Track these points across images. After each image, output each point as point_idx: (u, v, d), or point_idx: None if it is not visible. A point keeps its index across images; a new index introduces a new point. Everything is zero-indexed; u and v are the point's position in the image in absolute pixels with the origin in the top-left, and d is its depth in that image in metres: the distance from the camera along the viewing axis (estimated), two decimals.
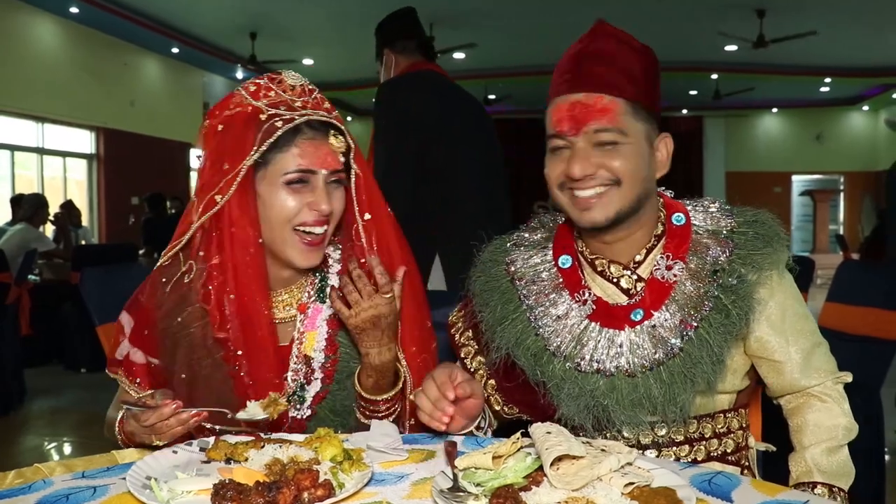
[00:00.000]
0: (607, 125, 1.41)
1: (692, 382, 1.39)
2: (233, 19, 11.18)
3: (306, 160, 1.48)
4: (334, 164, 1.51)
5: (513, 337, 1.51)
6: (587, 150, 1.42)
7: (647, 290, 1.46)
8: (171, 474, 1.23)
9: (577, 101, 1.42)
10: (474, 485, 1.15)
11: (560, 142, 1.45)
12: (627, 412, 1.41)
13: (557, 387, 1.44)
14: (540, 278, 1.55)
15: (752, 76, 14.68)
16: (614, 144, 1.41)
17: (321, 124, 1.50)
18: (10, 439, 4.87)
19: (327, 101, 1.56)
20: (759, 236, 1.46)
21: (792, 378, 1.48)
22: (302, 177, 1.48)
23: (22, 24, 9.84)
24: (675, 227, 1.51)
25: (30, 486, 1.19)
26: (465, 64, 13.68)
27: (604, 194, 1.42)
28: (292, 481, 1.12)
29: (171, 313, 1.55)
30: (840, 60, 13.73)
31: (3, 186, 9.71)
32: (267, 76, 1.53)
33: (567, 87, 1.44)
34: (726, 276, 1.42)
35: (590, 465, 1.13)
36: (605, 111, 1.40)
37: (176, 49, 12.48)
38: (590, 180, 1.42)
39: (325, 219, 1.51)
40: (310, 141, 1.48)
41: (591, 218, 1.43)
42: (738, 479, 1.21)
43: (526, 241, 1.63)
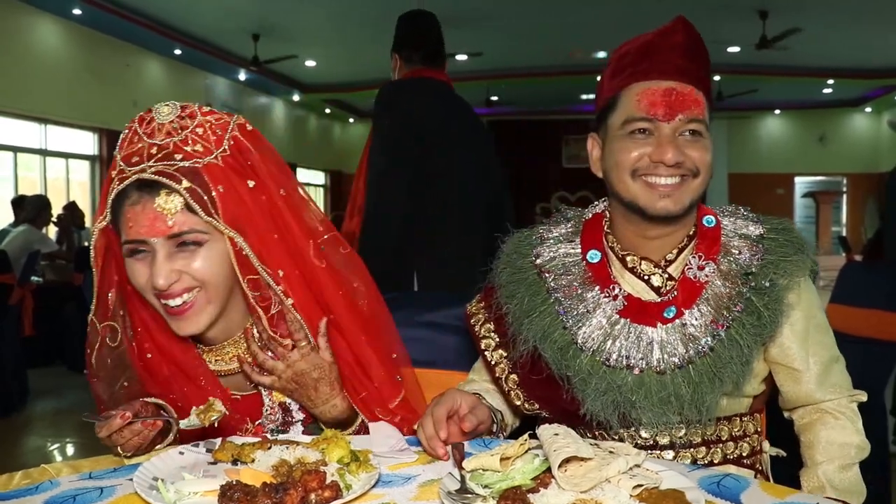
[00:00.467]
0: (699, 116, 1.44)
1: (720, 382, 1.39)
2: (235, 21, 11.17)
3: (132, 230, 1.33)
4: (165, 229, 1.32)
5: (539, 330, 1.50)
6: (673, 138, 1.44)
7: (680, 288, 1.46)
8: (178, 475, 1.22)
9: (672, 88, 1.44)
10: (482, 486, 1.15)
11: (645, 125, 1.45)
12: (655, 409, 1.40)
13: (584, 381, 1.43)
14: (568, 272, 1.54)
15: (754, 78, 14.66)
16: (699, 136, 1.44)
17: (149, 184, 1.32)
18: (12, 440, 4.87)
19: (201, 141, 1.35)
20: (788, 243, 1.48)
21: (808, 389, 1.49)
22: (136, 247, 1.35)
23: (24, 26, 9.84)
24: (706, 228, 1.52)
25: (37, 487, 1.19)
26: (467, 65, 13.67)
27: (681, 184, 1.44)
28: (299, 483, 1.12)
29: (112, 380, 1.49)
30: (843, 62, 13.72)
31: (6, 188, 9.71)
32: (139, 117, 1.38)
33: (657, 74, 1.46)
34: (759, 278, 1.43)
35: (598, 466, 1.13)
36: (697, 103, 1.44)
37: (178, 50, 12.48)
38: (675, 168, 1.43)
39: (171, 293, 1.35)
40: (133, 206, 1.33)
41: (665, 207, 1.44)
42: (746, 482, 1.21)
43: (552, 236, 1.63)
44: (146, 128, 1.35)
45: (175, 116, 1.36)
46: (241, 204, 1.35)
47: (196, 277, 1.36)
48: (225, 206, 1.33)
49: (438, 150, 3.08)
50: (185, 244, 1.34)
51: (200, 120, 1.37)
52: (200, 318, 1.38)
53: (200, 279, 1.36)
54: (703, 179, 1.46)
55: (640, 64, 1.47)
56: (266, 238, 1.38)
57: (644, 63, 1.47)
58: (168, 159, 1.31)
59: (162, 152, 1.32)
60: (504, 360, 1.60)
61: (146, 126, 1.35)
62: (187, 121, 1.36)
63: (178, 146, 1.33)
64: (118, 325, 1.46)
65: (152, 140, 1.33)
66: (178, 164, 1.31)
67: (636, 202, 1.46)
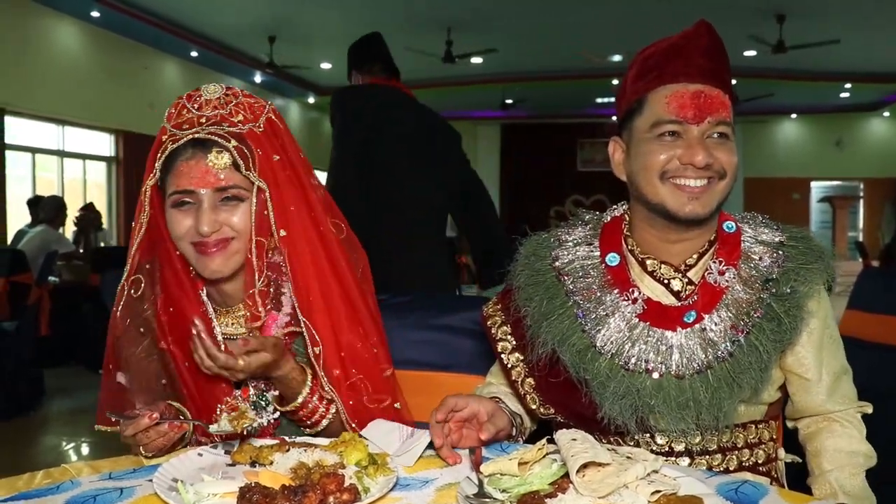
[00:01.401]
0: (726, 118, 1.45)
1: (739, 388, 1.39)
2: (251, 23, 11.22)
3: (183, 180, 1.48)
4: (214, 182, 1.47)
5: (558, 333, 1.49)
6: (701, 140, 1.44)
7: (700, 293, 1.46)
8: (197, 477, 1.23)
9: (700, 91, 1.44)
10: (500, 491, 1.15)
11: (675, 128, 1.45)
12: (673, 414, 1.40)
13: (602, 385, 1.43)
14: (587, 275, 1.54)
15: (771, 81, 14.59)
16: (725, 137, 1.45)
17: (202, 142, 1.48)
18: (28, 439, 4.91)
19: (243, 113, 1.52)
20: (809, 251, 1.48)
21: (818, 400, 1.49)
22: (183, 198, 1.49)
23: (43, 28, 9.92)
24: (727, 234, 1.52)
25: (58, 487, 1.20)
26: (482, 68, 13.67)
27: (709, 186, 1.44)
28: (318, 485, 1.13)
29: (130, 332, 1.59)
30: (861, 66, 13.63)
31: (24, 188, 9.79)
32: (187, 95, 1.54)
33: (685, 76, 1.46)
34: (780, 285, 1.43)
35: (616, 472, 1.13)
36: (724, 105, 1.45)
37: (195, 53, 12.54)
38: (704, 171, 1.43)
39: (215, 238, 1.49)
40: (186, 161, 1.48)
41: (693, 210, 1.44)
42: (765, 489, 1.20)
43: (570, 239, 1.62)
44: (194, 103, 1.51)
45: (221, 94, 1.53)
46: (272, 169, 1.51)
47: (234, 229, 1.50)
48: (262, 165, 1.49)
49: (379, 144, 3.33)
50: (228, 199, 1.49)
51: (242, 99, 1.54)
52: (229, 261, 1.51)
53: (237, 230, 1.50)
54: (730, 181, 1.46)
55: (666, 66, 1.47)
56: (287, 201, 1.52)
57: (671, 66, 1.47)
58: (217, 125, 1.49)
59: (211, 121, 1.49)
60: (521, 363, 1.59)
61: (194, 102, 1.51)
62: (231, 97, 1.53)
63: (224, 117, 1.50)
64: (143, 277, 1.57)
65: (201, 112, 1.50)
66: (226, 129, 1.49)
67: (664, 205, 1.46)
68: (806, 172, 18.52)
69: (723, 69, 1.48)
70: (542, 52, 12.58)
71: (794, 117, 18.79)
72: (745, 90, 15.22)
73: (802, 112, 18.34)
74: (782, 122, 18.89)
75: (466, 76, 14.30)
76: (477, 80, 14.82)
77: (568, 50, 12.33)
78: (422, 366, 1.97)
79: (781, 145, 18.93)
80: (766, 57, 11.95)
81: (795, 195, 18.31)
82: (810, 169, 18.51)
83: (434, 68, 12.80)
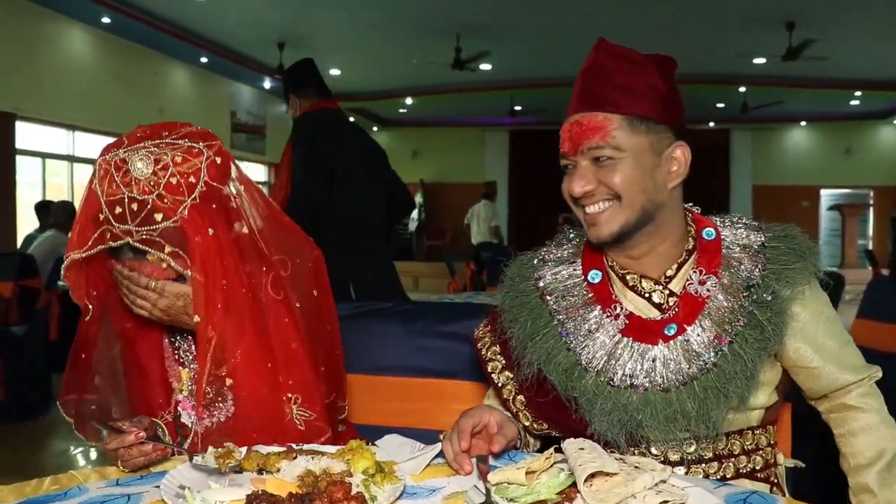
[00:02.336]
0: (599, 143, 1.42)
1: (725, 398, 1.38)
2: (261, 29, 11.27)
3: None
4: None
5: (544, 353, 1.50)
6: (587, 168, 1.45)
7: (681, 304, 1.45)
8: (204, 483, 1.23)
9: (576, 120, 1.45)
10: (507, 500, 1.15)
11: (565, 161, 1.49)
12: (662, 427, 1.40)
13: (590, 402, 1.43)
14: (570, 293, 1.54)
15: (780, 89, 14.57)
16: (611, 160, 1.43)
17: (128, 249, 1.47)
18: (36, 443, 4.92)
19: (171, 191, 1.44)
20: (790, 251, 1.46)
21: (828, 380, 1.48)
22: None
23: (54, 34, 9.98)
24: (706, 241, 1.51)
25: (66, 493, 1.21)
26: (490, 75, 13.70)
27: (606, 210, 1.44)
28: (325, 493, 1.13)
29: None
30: (871, 74, 13.59)
31: (35, 193, 9.83)
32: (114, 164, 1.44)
33: (572, 107, 1.48)
34: (761, 291, 1.42)
35: (623, 482, 1.13)
36: (597, 129, 1.42)
37: (204, 59, 12.59)
38: (591, 197, 1.45)
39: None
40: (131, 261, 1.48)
41: (597, 233, 1.46)
42: (772, 499, 1.20)
43: (553, 257, 1.63)
44: (123, 177, 1.42)
45: (150, 172, 1.43)
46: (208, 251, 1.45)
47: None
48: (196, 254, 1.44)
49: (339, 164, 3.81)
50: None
51: (173, 171, 1.44)
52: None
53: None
54: (631, 200, 1.43)
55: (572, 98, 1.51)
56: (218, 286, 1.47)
57: (572, 96, 1.50)
58: (149, 221, 1.42)
59: (143, 211, 1.42)
60: (511, 381, 1.60)
61: (123, 175, 1.42)
62: (160, 175, 1.43)
63: (155, 203, 1.42)
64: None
65: (131, 194, 1.42)
66: (160, 227, 1.42)
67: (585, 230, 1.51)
68: (815, 180, 18.45)
69: (608, 88, 1.44)
70: (551, 59, 12.59)
71: (803, 125, 18.74)
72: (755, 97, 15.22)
73: (812, 120, 18.29)
74: (792, 129, 18.84)
75: (475, 83, 14.32)
76: (485, 87, 14.84)
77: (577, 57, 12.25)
78: (426, 373, 1.98)
79: (791, 153, 18.87)
80: (776, 64, 11.93)
81: (805, 203, 18.24)
82: (820, 177, 18.44)
83: (443, 75, 12.84)
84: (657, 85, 1.46)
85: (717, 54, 12.28)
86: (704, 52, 11.92)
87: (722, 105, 16.68)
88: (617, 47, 1.48)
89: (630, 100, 1.43)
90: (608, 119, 1.42)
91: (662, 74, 1.48)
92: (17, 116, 9.18)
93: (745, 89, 14.96)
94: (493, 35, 11.45)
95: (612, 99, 1.43)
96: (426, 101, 16.46)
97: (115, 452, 1.37)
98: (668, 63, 1.51)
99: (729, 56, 12.42)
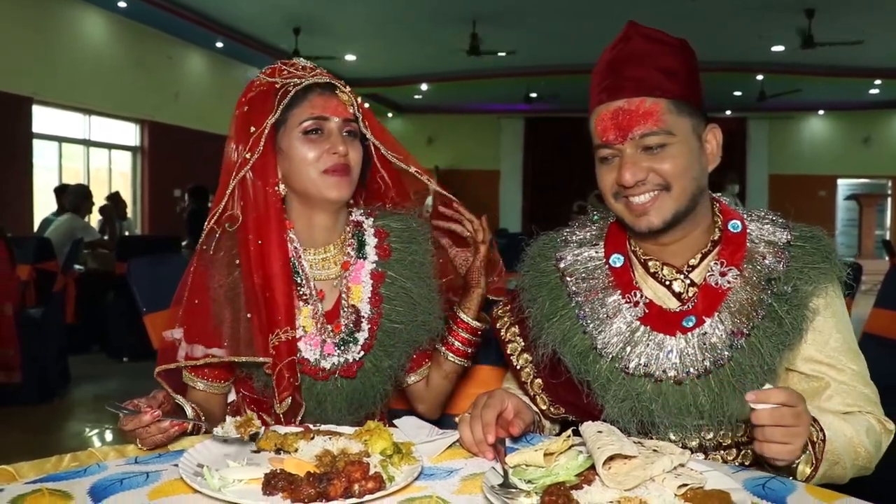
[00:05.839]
0: (653, 128, 1.39)
1: (742, 391, 1.35)
2: (276, 14, 11.26)
3: (318, 109, 1.61)
4: (345, 113, 1.63)
5: (560, 334, 1.49)
6: (636, 156, 1.41)
7: (700, 295, 1.43)
8: (223, 462, 1.24)
9: (619, 108, 1.41)
10: (525, 482, 1.15)
11: (608, 151, 1.44)
12: (674, 418, 1.39)
13: (603, 387, 1.43)
14: (591, 276, 1.53)
15: (798, 77, 14.44)
16: (663, 147, 1.40)
17: (328, 85, 1.64)
18: (55, 424, 4.96)
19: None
20: (816, 251, 1.44)
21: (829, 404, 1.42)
22: (316, 124, 1.60)
23: (70, 18, 10.01)
24: (732, 233, 1.49)
25: (85, 470, 1.21)
26: (506, 62, 13.64)
27: (657, 198, 1.42)
28: (343, 473, 1.13)
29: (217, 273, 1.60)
30: (891, 62, 13.45)
31: (51, 177, 9.89)
32: (280, 62, 1.68)
33: (607, 94, 1.44)
34: (781, 284, 1.40)
35: (642, 465, 1.12)
36: (648, 114, 1.39)
37: (220, 44, 12.61)
38: (641, 186, 1.41)
39: (344, 162, 1.61)
40: (319, 95, 1.62)
41: (648, 222, 1.43)
42: (792, 485, 1.19)
43: (576, 239, 1.61)
44: (292, 67, 1.66)
45: (311, 64, 1.68)
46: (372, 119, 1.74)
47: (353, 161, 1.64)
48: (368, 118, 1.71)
49: None
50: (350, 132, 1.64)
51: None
52: (348, 189, 1.63)
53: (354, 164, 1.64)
54: (681, 188, 1.42)
55: (595, 88, 1.47)
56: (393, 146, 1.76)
57: (597, 86, 1.46)
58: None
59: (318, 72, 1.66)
60: (529, 364, 1.60)
61: (291, 66, 1.66)
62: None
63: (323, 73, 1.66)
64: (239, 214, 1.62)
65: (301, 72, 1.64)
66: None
67: (623, 220, 1.48)
68: (832, 170, 18.32)
69: (652, 71, 1.42)
70: (566, 46, 12.54)
71: (821, 114, 18.60)
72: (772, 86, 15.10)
73: (830, 108, 18.16)
74: (809, 118, 18.70)
75: (491, 69, 14.28)
76: (501, 74, 14.79)
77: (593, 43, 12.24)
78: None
79: (808, 142, 18.74)
80: (794, 52, 11.83)
81: (821, 192, 18.12)
82: (837, 166, 18.31)
83: (459, 61, 12.80)
84: (691, 67, 1.46)
85: (734, 41, 12.20)
86: (722, 39, 11.84)
87: (739, 93, 16.58)
88: (651, 30, 1.46)
89: (672, 83, 1.42)
90: (657, 104, 1.40)
91: (692, 57, 1.47)
92: (33, 100, 9.23)
93: (763, 77, 14.85)
94: (509, 21, 11.40)
95: (658, 83, 1.41)
96: (441, 88, 16.44)
97: (133, 433, 1.37)
98: (690, 46, 1.49)
99: (746, 43, 12.33)
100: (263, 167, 1.59)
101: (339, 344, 1.61)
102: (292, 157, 1.60)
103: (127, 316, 6.24)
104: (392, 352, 1.66)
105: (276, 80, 1.62)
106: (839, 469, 1.34)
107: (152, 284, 2.79)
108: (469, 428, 1.34)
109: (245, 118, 1.60)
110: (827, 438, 1.31)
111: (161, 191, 11.71)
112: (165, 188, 11.70)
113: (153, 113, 11.52)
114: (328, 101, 1.62)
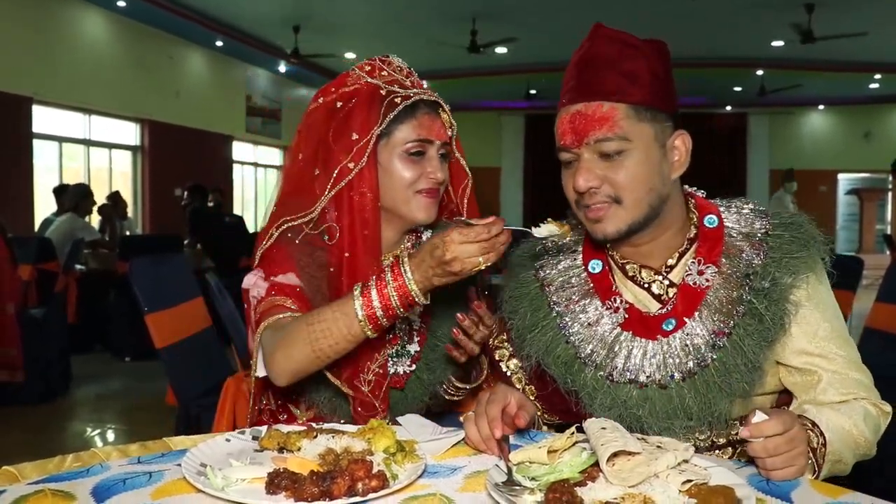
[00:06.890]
0: (608, 134, 1.35)
1: (728, 392, 1.35)
2: (276, 12, 11.26)
3: (424, 131, 1.61)
4: (445, 136, 1.65)
5: (543, 345, 1.48)
6: (592, 161, 1.38)
7: (680, 296, 1.41)
8: (226, 462, 1.23)
9: (578, 111, 1.38)
10: (529, 479, 1.14)
11: (568, 155, 1.42)
12: (662, 422, 1.38)
13: (590, 396, 1.42)
14: (570, 284, 1.52)
15: (799, 72, 14.42)
16: (620, 153, 1.36)
17: (432, 103, 1.64)
18: (56, 424, 4.96)
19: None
20: (795, 239, 1.40)
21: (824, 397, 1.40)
22: (420, 147, 1.60)
23: (70, 18, 10.01)
24: (708, 229, 1.45)
25: (88, 470, 1.21)
26: (506, 59, 13.63)
27: (608, 209, 1.39)
28: (346, 471, 1.13)
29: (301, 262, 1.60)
30: (891, 56, 13.43)
31: (52, 177, 9.88)
32: (378, 58, 1.69)
33: (568, 98, 1.42)
34: (758, 279, 1.37)
35: (646, 461, 1.12)
36: (604, 119, 1.36)
37: (220, 42, 12.60)
38: (595, 194, 1.38)
39: (437, 187, 1.63)
40: (426, 115, 1.62)
41: (602, 230, 1.40)
42: (797, 480, 1.19)
43: (554, 246, 1.59)
44: (390, 67, 1.67)
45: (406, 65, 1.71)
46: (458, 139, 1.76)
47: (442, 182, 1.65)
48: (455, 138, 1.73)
49: None
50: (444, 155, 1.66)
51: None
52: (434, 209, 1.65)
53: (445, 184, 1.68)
54: (635, 200, 1.37)
55: (563, 87, 1.44)
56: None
57: (564, 86, 1.44)
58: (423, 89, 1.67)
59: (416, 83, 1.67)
60: (520, 370, 1.61)
61: (389, 66, 1.67)
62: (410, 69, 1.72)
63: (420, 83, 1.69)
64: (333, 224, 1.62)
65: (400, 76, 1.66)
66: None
67: (586, 228, 1.46)
68: (833, 164, 18.29)
69: (612, 75, 1.38)
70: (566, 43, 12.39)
71: (821, 108, 18.58)
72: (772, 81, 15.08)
73: (830, 103, 18.13)
74: (809, 113, 18.68)
75: (491, 66, 14.27)
76: (501, 71, 14.78)
77: None
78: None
79: (808, 137, 18.72)
80: (794, 47, 11.81)
81: (822, 188, 18.09)
82: (837, 161, 18.28)
83: (459, 58, 12.79)
84: (658, 71, 1.40)
85: (734, 37, 12.18)
86: (722, 35, 11.83)
87: (739, 88, 16.56)
88: (616, 32, 1.42)
89: (634, 88, 1.37)
90: (615, 108, 1.36)
91: (661, 60, 1.42)
92: (33, 100, 9.23)
93: (763, 72, 14.84)
94: (509, 18, 11.39)
95: (616, 87, 1.36)
96: (441, 85, 16.37)
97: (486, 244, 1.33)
98: (665, 48, 1.44)
99: (746, 38, 12.31)
100: (363, 179, 1.58)
101: (393, 355, 1.64)
102: (391, 174, 1.60)
103: (128, 315, 6.24)
104: (434, 367, 1.68)
105: (377, 83, 1.62)
106: (841, 465, 1.35)
107: (154, 284, 2.80)
108: (475, 426, 1.33)
109: (344, 117, 1.60)
110: (828, 441, 1.30)
111: (162, 190, 11.71)
112: (166, 187, 11.69)
113: (153, 112, 11.51)
114: (433, 122, 1.63)
